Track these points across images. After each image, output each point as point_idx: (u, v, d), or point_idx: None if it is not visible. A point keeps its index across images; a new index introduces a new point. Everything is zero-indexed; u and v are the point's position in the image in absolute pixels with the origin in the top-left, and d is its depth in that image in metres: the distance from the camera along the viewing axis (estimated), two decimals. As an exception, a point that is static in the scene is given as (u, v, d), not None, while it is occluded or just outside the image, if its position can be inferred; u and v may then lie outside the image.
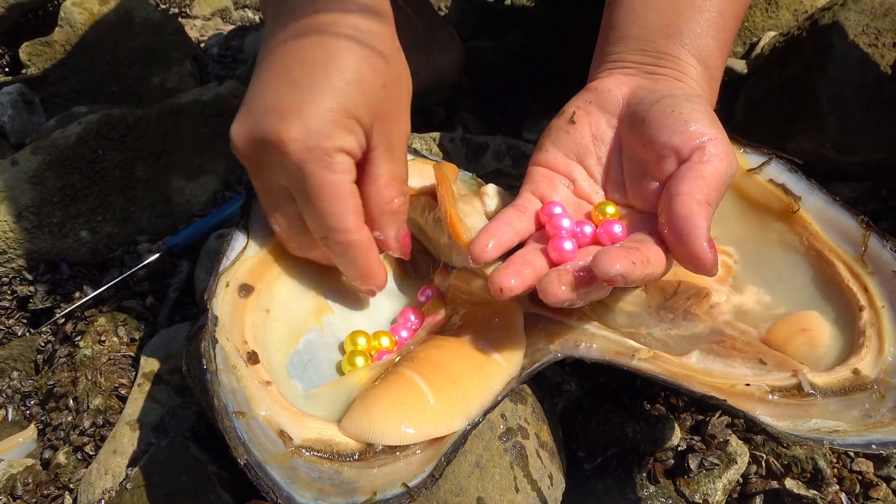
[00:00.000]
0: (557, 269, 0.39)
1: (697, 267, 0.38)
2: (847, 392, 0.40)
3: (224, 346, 0.39)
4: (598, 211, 0.46)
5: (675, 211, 0.39)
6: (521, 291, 0.39)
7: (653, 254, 0.39)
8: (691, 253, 0.38)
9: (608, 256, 0.36)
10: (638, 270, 0.37)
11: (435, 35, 0.89)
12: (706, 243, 0.38)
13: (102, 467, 0.52)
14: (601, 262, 0.36)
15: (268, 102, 0.41)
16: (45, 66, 0.97)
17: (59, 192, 0.69)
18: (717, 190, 0.40)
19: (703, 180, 0.40)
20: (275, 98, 0.41)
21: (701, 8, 0.47)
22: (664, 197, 0.41)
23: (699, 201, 0.39)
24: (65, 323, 0.66)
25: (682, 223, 0.38)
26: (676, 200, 0.39)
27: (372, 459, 0.38)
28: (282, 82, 0.41)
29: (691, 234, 0.38)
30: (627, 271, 0.36)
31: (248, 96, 0.43)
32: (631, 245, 0.39)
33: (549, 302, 0.38)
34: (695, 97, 0.44)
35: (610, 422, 0.52)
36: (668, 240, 0.40)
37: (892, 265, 0.44)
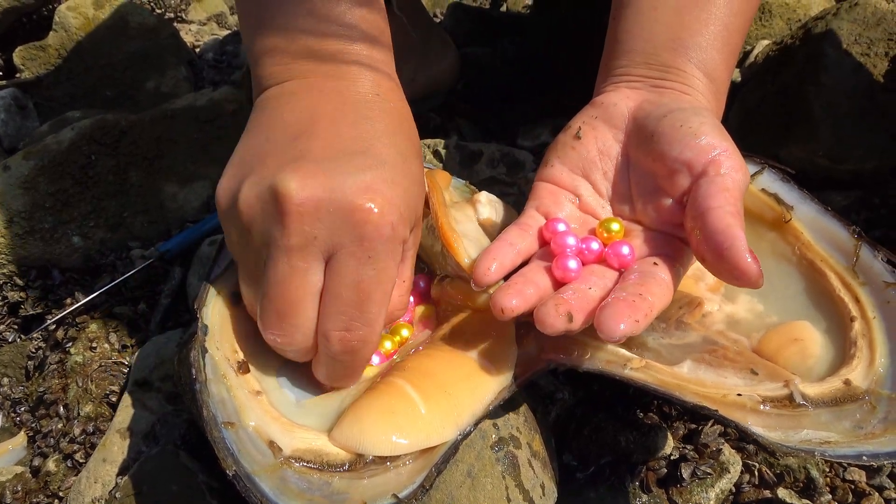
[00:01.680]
0: (555, 299, 0.38)
1: (741, 280, 0.38)
2: (838, 403, 0.40)
3: (214, 355, 0.39)
4: (602, 228, 0.45)
5: (712, 226, 0.39)
6: (522, 312, 0.39)
7: (657, 295, 0.39)
8: (737, 267, 0.37)
9: (612, 317, 0.36)
10: (642, 325, 0.37)
11: (430, 41, 0.89)
12: (749, 255, 0.37)
13: (92, 476, 0.51)
14: (605, 324, 0.36)
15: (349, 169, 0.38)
16: (40, 71, 0.97)
17: (52, 198, 0.68)
18: (741, 201, 0.41)
19: (728, 193, 0.40)
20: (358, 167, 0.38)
21: (706, 21, 0.47)
22: (693, 214, 0.41)
23: (732, 213, 0.39)
24: (56, 329, 0.66)
25: (722, 237, 0.38)
26: (711, 215, 0.39)
27: (362, 470, 0.37)
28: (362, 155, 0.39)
29: (734, 248, 0.37)
30: (631, 331, 0.36)
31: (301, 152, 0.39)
32: (635, 291, 0.39)
33: (546, 332, 0.37)
34: (702, 110, 0.44)
35: (603, 430, 0.52)
36: (708, 256, 0.39)
37: (882, 276, 0.44)
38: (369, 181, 0.38)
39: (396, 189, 0.38)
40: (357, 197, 0.37)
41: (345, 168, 0.38)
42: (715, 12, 0.47)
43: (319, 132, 0.40)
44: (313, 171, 0.37)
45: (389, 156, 0.40)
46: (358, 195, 0.37)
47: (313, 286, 0.38)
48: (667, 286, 0.40)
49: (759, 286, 0.38)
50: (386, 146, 0.40)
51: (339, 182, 0.37)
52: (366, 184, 0.37)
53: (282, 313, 0.38)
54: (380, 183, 0.38)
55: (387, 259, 0.38)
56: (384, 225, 0.37)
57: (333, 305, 0.38)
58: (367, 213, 0.37)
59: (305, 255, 0.37)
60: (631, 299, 0.38)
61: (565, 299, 0.38)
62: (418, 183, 0.41)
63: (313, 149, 0.39)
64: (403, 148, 0.41)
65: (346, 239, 0.37)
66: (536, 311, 0.38)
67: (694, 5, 0.47)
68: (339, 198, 0.37)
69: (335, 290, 0.38)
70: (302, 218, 0.37)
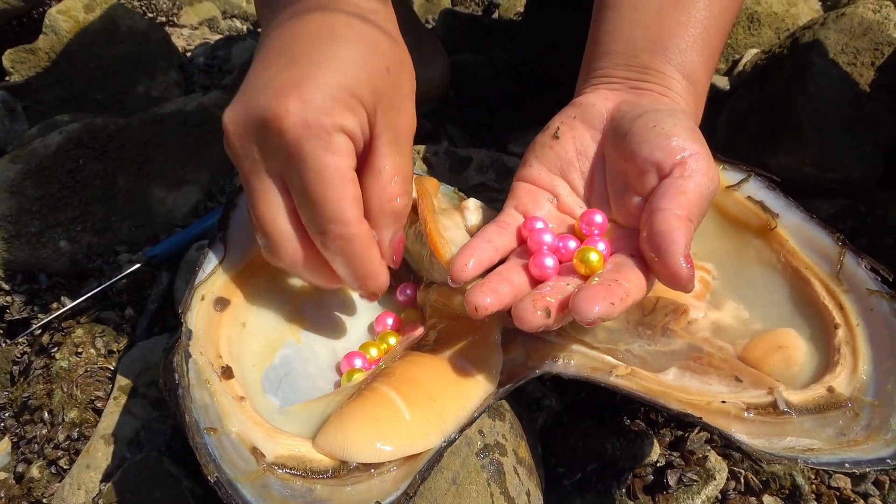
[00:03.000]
0: (532, 295, 0.38)
1: (674, 283, 0.38)
2: (822, 410, 0.40)
3: (197, 360, 0.39)
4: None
5: (655, 227, 0.39)
6: (496, 310, 0.39)
7: (633, 282, 0.39)
8: (668, 269, 0.38)
9: (587, 299, 0.36)
10: (617, 308, 0.36)
11: (421, 48, 0.89)
12: (683, 259, 0.37)
13: (75, 482, 0.51)
14: (579, 306, 0.35)
15: (263, 81, 0.39)
16: (29, 74, 0.96)
17: (38, 202, 0.68)
18: (699, 205, 0.40)
19: (684, 196, 0.40)
20: (271, 76, 0.38)
21: (686, 24, 0.47)
22: (645, 212, 0.41)
23: (679, 217, 0.39)
24: (41, 334, 0.65)
25: (661, 238, 0.38)
26: (657, 216, 0.39)
27: (346, 477, 0.37)
28: (278, 60, 0.39)
29: (669, 250, 0.38)
30: (606, 313, 0.36)
31: (244, 83, 0.40)
32: (611, 277, 0.39)
33: (524, 328, 0.37)
34: (678, 112, 0.45)
35: (589, 437, 0.52)
36: (647, 256, 0.40)
37: (866, 283, 0.45)
38: (277, 86, 0.38)
39: (310, 82, 0.37)
40: (267, 106, 0.37)
41: (261, 82, 0.39)
42: (695, 15, 0.47)
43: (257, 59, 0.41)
44: (238, 97, 0.39)
45: (306, 51, 0.39)
46: (267, 104, 0.37)
47: (277, 202, 0.40)
48: (642, 277, 0.40)
49: (689, 291, 0.38)
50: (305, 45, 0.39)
51: (253, 97, 0.38)
52: (275, 90, 0.37)
53: (262, 234, 0.41)
54: (286, 85, 0.37)
55: (319, 154, 0.38)
56: (298, 125, 0.37)
57: (303, 216, 0.40)
58: (278, 120, 0.37)
59: (258, 176, 0.40)
60: (606, 284, 0.38)
61: (542, 295, 0.38)
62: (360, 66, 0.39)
63: (250, 76, 0.40)
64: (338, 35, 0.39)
65: (276, 151, 0.38)
66: (514, 308, 0.38)
67: (674, 8, 0.47)
68: (254, 113, 0.38)
69: (298, 202, 0.40)
70: (239, 143, 0.39)
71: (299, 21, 0.40)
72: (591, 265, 0.41)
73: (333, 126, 0.38)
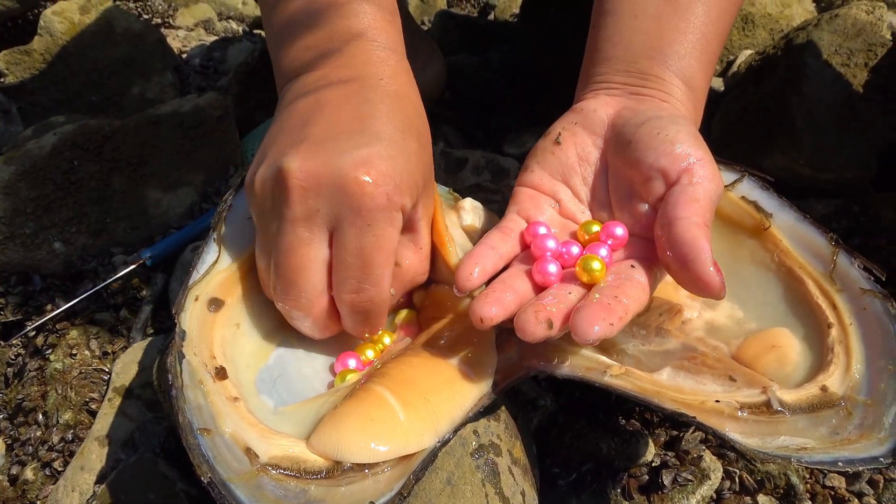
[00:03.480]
0: (534, 305, 0.39)
1: (705, 291, 0.38)
2: (815, 409, 0.41)
3: (191, 361, 0.39)
4: (583, 230, 0.46)
5: (678, 236, 0.39)
6: (502, 319, 0.39)
7: (632, 297, 0.39)
8: (700, 278, 0.38)
9: (586, 319, 0.36)
10: (616, 328, 0.37)
11: (417, 49, 0.89)
12: (713, 267, 0.38)
13: (69, 484, 0.51)
14: (580, 328, 0.36)
15: (344, 147, 0.41)
16: (24, 75, 0.96)
17: (33, 203, 0.68)
18: (711, 211, 0.41)
19: (697, 203, 0.40)
20: (353, 145, 0.41)
21: (684, 30, 0.48)
22: (661, 222, 0.41)
23: (698, 224, 0.39)
24: (36, 335, 0.65)
25: (687, 249, 0.38)
26: (677, 225, 0.40)
27: (340, 477, 0.37)
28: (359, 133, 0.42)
29: (698, 260, 0.38)
30: (606, 334, 0.36)
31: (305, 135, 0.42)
32: (611, 294, 0.39)
33: (526, 339, 0.37)
34: (680, 118, 0.45)
35: (584, 437, 0.52)
36: (673, 265, 0.40)
37: (859, 282, 0.45)
38: (364, 156, 0.40)
39: (391, 162, 0.41)
40: (353, 171, 0.40)
41: (342, 146, 0.41)
42: (693, 21, 0.47)
43: (322, 117, 0.43)
44: (313, 151, 0.41)
45: (386, 133, 0.42)
46: (353, 169, 0.40)
47: (317, 254, 0.42)
48: (643, 288, 0.41)
49: (721, 298, 0.39)
50: (384, 124, 0.43)
51: (336, 158, 0.40)
52: (361, 159, 0.40)
53: (288, 280, 0.42)
54: (374, 157, 0.40)
55: (385, 226, 0.41)
56: (379, 195, 0.40)
57: (341, 272, 0.42)
58: (362, 186, 0.40)
59: (309, 226, 0.41)
60: (606, 302, 0.38)
61: (544, 305, 0.39)
62: (418, 157, 0.44)
63: (316, 132, 0.42)
64: (402, 126, 0.43)
65: (344, 210, 0.40)
66: (516, 319, 0.38)
67: (673, 14, 0.47)
68: (335, 172, 0.40)
69: (341, 258, 0.42)
70: (304, 192, 0.40)
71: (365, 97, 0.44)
72: (593, 274, 0.41)
73: (401, 204, 0.41)
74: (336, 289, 0.42)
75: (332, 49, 0.46)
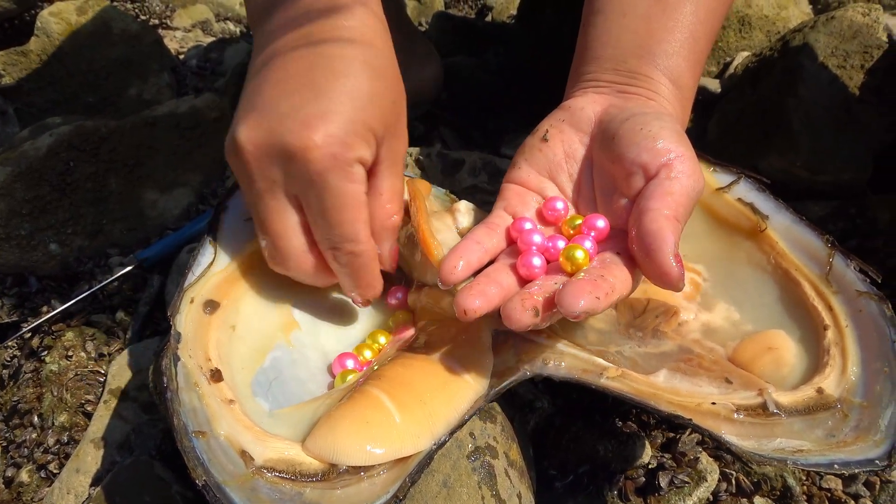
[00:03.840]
0: (521, 294, 0.39)
1: (664, 281, 0.38)
2: (811, 411, 0.41)
3: (186, 363, 0.39)
4: (567, 226, 0.46)
5: (644, 226, 0.39)
6: (486, 312, 0.39)
7: (618, 278, 0.39)
8: (659, 268, 0.38)
9: (572, 293, 0.36)
10: (603, 303, 0.37)
11: (414, 50, 0.89)
12: (673, 258, 0.38)
13: (65, 487, 0.51)
14: (565, 300, 0.36)
15: (285, 110, 0.41)
16: (20, 76, 0.96)
17: (28, 205, 0.67)
18: (685, 206, 0.41)
19: (671, 196, 0.40)
20: (294, 106, 0.41)
21: (673, 30, 0.48)
22: (634, 213, 0.41)
23: (668, 216, 0.39)
24: (31, 337, 0.65)
25: (651, 238, 0.38)
26: (645, 216, 0.40)
27: (335, 480, 0.37)
28: (299, 91, 0.41)
29: (659, 249, 0.38)
30: (592, 307, 0.36)
31: (254, 102, 0.42)
32: (597, 273, 0.39)
33: (512, 327, 0.37)
34: (665, 116, 0.45)
35: (581, 439, 0.52)
36: (637, 255, 0.40)
37: (855, 284, 0.45)
38: (304, 117, 0.40)
39: (335, 117, 0.40)
40: (295, 136, 0.40)
41: (283, 109, 0.41)
42: (682, 20, 0.47)
43: (270, 78, 0.43)
44: (258, 119, 0.41)
45: (329, 85, 0.41)
46: (295, 134, 0.40)
47: (290, 219, 0.43)
48: (627, 273, 0.40)
49: (679, 289, 0.39)
50: (326, 77, 0.42)
51: (278, 125, 0.40)
52: (302, 121, 0.40)
53: (272, 245, 0.44)
54: (315, 117, 0.40)
55: (342, 183, 0.41)
56: (325, 157, 0.40)
57: (317, 233, 0.43)
58: (306, 150, 0.40)
59: (274, 194, 0.42)
60: (592, 279, 0.38)
61: (531, 294, 0.39)
62: (373, 100, 0.42)
63: (263, 98, 0.42)
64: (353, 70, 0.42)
65: (298, 177, 0.41)
66: (503, 307, 0.38)
67: (661, 13, 0.47)
68: (279, 140, 0.40)
69: (312, 221, 0.43)
70: (257, 164, 0.41)
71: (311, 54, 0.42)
72: (576, 262, 0.41)
73: (354, 158, 0.41)
74: (320, 248, 0.44)
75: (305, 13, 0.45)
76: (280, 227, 0.43)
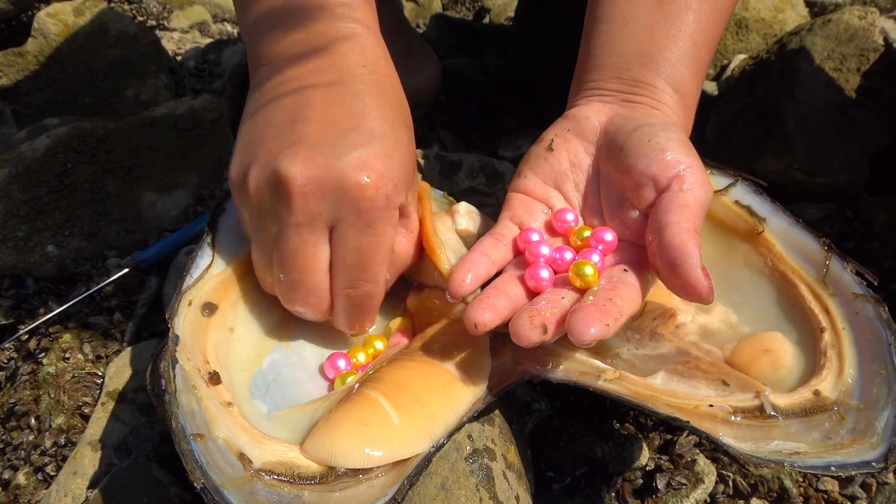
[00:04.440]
0: (529, 311, 0.39)
1: (693, 295, 0.39)
2: (808, 413, 0.41)
3: (184, 366, 0.39)
4: (575, 237, 0.46)
5: (667, 241, 0.39)
6: (496, 325, 0.40)
7: (626, 299, 0.40)
8: (688, 283, 0.38)
9: (582, 321, 0.36)
10: (612, 328, 0.37)
11: (412, 52, 0.89)
12: (701, 271, 0.38)
13: (62, 489, 0.51)
14: (576, 328, 0.36)
15: (342, 148, 0.41)
16: (18, 77, 0.95)
17: (25, 206, 0.67)
18: (701, 217, 0.41)
19: (688, 209, 0.41)
20: (350, 145, 0.41)
21: (676, 38, 0.48)
22: (652, 228, 0.42)
23: (688, 230, 0.40)
24: (28, 339, 0.65)
25: (676, 253, 0.39)
26: (667, 231, 0.40)
27: (334, 483, 0.37)
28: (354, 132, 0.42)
29: (686, 264, 0.38)
30: (602, 334, 0.36)
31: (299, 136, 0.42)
32: (605, 296, 0.39)
33: (521, 344, 0.38)
34: (671, 125, 0.45)
35: (579, 441, 0.52)
36: (661, 270, 0.40)
37: (851, 287, 0.45)
38: (363, 158, 0.41)
39: (388, 161, 0.42)
40: (353, 174, 0.40)
41: (339, 148, 0.41)
42: (684, 29, 0.48)
43: (314, 114, 0.43)
44: (311, 154, 0.41)
45: (379, 128, 0.42)
46: (354, 172, 0.40)
47: (322, 255, 0.43)
48: (636, 291, 0.41)
49: (709, 302, 0.39)
50: (375, 120, 0.43)
51: (335, 162, 0.41)
52: (360, 161, 0.41)
53: (296, 282, 0.43)
54: (372, 158, 0.41)
55: (383, 226, 0.42)
56: (379, 197, 0.41)
57: (341, 269, 0.43)
58: (363, 189, 0.41)
59: (312, 230, 0.42)
60: (601, 304, 0.38)
61: (539, 310, 0.39)
62: (407, 149, 0.44)
63: (310, 131, 0.42)
64: (392, 118, 0.44)
65: (345, 213, 0.41)
66: (511, 324, 0.38)
67: (664, 22, 0.48)
68: (336, 176, 0.40)
69: (341, 256, 0.43)
70: (306, 198, 0.41)
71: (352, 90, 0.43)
72: (586, 279, 0.42)
73: (399, 202, 0.43)
74: (334, 283, 0.44)
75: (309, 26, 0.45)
76: (312, 262, 0.43)
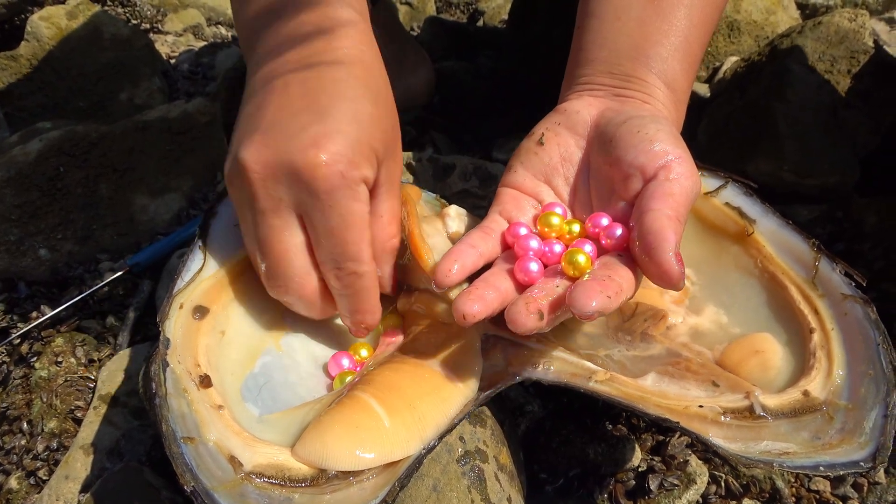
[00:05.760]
0: (524, 298, 0.39)
1: (664, 280, 0.38)
2: (797, 414, 0.41)
3: (175, 369, 0.39)
4: (563, 229, 0.46)
5: (646, 225, 0.39)
6: (484, 317, 0.39)
7: (624, 278, 0.39)
8: (659, 266, 0.38)
9: (584, 293, 0.36)
10: (614, 302, 0.37)
11: (405, 55, 0.89)
12: (674, 256, 0.38)
13: (54, 493, 0.50)
14: (577, 301, 0.36)
15: (291, 130, 0.41)
16: (11, 81, 0.95)
17: (18, 210, 0.67)
18: (686, 207, 0.41)
19: (672, 197, 0.40)
20: (300, 126, 0.41)
21: (667, 33, 0.48)
22: (634, 213, 0.42)
23: (669, 216, 0.39)
24: (20, 343, 0.65)
25: (652, 237, 0.39)
26: (647, 216, 0.40)
27: (324, 485, 0.37)
28: (303, 113, 0.42)
29: (660, 248, 0.38)
30: (604, 306, 0.36)
31: (256, 124, 0.42)
32: (603, 273, 0.39)
33: (518, 331, 0.37)
34: (661, 118, 0.45)
35: (571, 443, 0.52)
36: (638, 255, 0.40)
37: (840, 288, 0.45)
38: (312, 136, 0.40)
39: (341, 137, 0.41)
40: (303, 154, 0.40)
41: (290, 129, 0.41)
42: (676, 24, 0.48)
43: (272, 100, 0.43)
44: (264, 140, 0.41)
45: (334, 106, 0.42)
46: (303, 153, 0.40)
47: (294, 239, 0.43)
48: (631, 275, 0.40)
49: (679, 289, 0.39)
50: (331, 97, 0.42)
51: (285, 143, 0.41)
52: (310, 140, 0.40)
53: (273, 268, 0.43)
54: (322, 136, 0.40)
55: (348, 202, 0.41)
56: (333, 175, 0.40)
57: (320, 253, 0.43)
58: (315, 168, 0.40)
59: (278, 214, 0.42)
60: (600, 279, 0.38)
61: (535, 297, 0.38)
62: (374, 121, 0.43)
63: (266, 116, 0.42)
64: (353, 93, 0.43)
65: (305, 195, 0.41)
66: (507, 311, 0.38)
67: (656, 17, 0.48)
68: (287, 159, 0.40)
69: (316, 241, 0.43)
70: (264, 183, 0.41)
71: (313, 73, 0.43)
72: (579, 266, 0.41)
73: (360, 177, 0.42)
74: (321, 269, 0.44)
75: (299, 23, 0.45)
76: (283, 248, 0.43)
